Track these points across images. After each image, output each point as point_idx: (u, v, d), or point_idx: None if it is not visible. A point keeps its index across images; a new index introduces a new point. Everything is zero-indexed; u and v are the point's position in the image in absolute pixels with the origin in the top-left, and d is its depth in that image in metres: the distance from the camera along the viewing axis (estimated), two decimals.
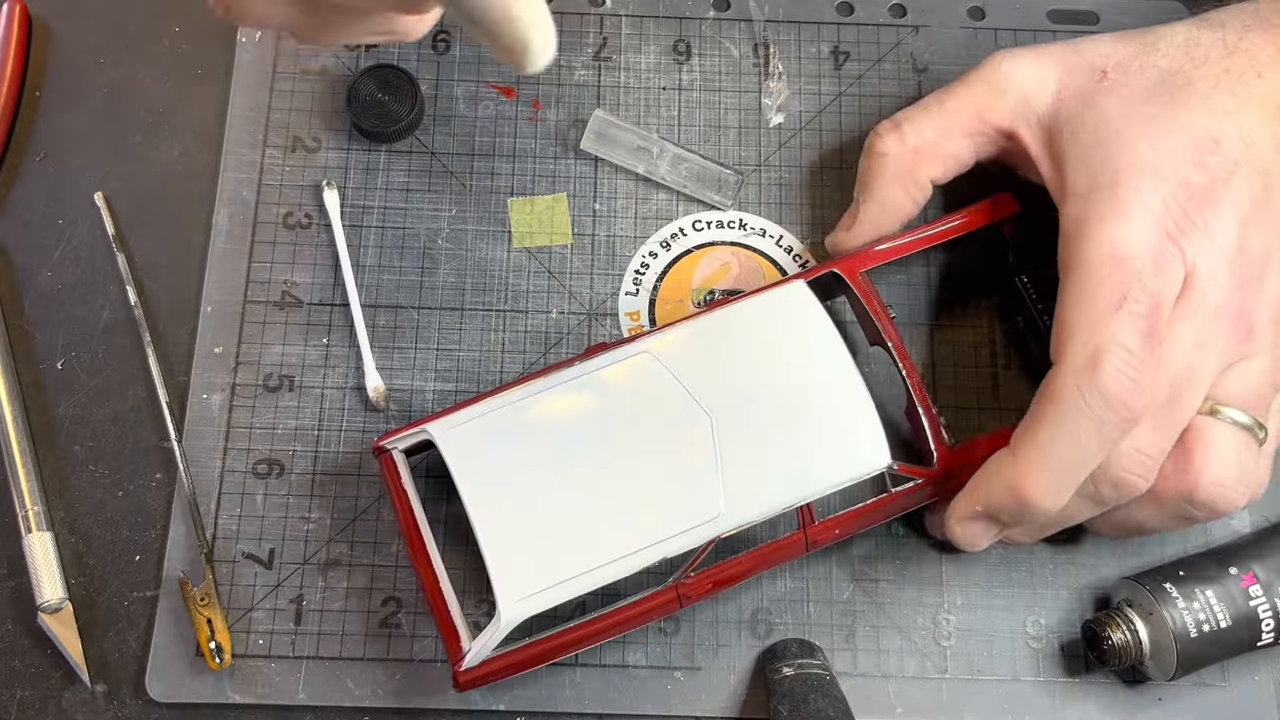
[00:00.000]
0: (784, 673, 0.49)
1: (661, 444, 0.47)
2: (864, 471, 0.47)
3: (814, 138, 0.59)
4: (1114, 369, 0.43)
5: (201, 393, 0.54)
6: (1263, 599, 0.48)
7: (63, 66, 0.60)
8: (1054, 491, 0.45)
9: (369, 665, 0.50)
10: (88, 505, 0.53)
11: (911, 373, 0.50)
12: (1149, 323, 0.44)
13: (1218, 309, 0.45)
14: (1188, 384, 0.45)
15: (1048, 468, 0.44)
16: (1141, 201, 0.45)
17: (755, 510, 0.46)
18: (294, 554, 0.52)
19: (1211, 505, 0.46)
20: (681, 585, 0.47)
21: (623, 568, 0.46)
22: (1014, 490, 0.45)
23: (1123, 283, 0.44)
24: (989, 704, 0.50)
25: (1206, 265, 0.45)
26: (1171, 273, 0.45)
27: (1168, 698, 0.50)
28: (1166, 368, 0.45)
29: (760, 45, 0.60)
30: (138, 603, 0.51)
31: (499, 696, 0.50)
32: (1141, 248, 0.45)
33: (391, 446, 0.49)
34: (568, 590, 0.45)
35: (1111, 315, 0.44)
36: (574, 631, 0.47)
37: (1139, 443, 0.45)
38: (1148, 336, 0.44)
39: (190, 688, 0.50)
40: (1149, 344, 0.44)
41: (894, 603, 0.51)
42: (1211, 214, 0.45)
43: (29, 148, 0.58)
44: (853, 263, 0.52)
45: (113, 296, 0.56)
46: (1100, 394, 0.43)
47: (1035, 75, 0.50)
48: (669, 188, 0.57)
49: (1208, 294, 0.45)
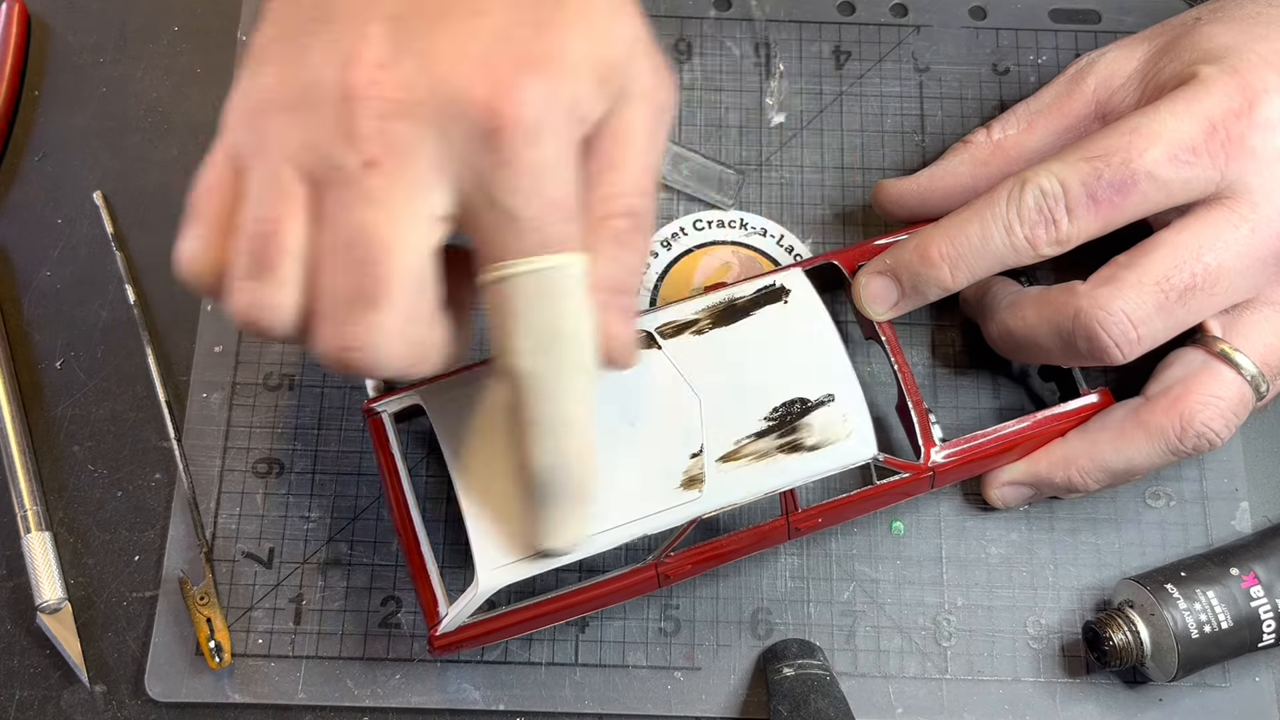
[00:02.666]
0: (784, 673, 0.49)
1: (649, 422, 0.47)
2: (848, 461, 0.47)
3: (815, 137, 0.58)
4: (1037, 190, 0.46)
5: (201, 392, 0.54)
6: (1264, 600, 0.47)
7: (62, 66, 0.59)
8: (952, 261, 0.47)
9: (369, 665, 0.50)
10: (87, 505, 0.53)
11: (904, 368, 0.50)
12: (1104, 186, 0.45)
13: (1267, 231, 0.45)
14: (1208, 283, 0.45)
15: (952, 238, 0.47)
16: (1204, 93, 0.45)
17: (737, 493, 0.46)
18: (294, 553, 0.52)
19: (1197, 443, 0.47)
20: (661, 564, 0.47)
21: (603, 542, 0.46)
22: (920, 247, 0.48)
23: (1113, 147, 0.45)
24: (989, 704, 0.50)
25: (1261, 185, 0.45)
26: (1188, 173, 0.45)
27: (1169, 699, 0.50)
28: (1190, 256, 0.45)
29: (761, 44, 0.60)
30: (137, 603, 0.51)
31: (499, 696, 0.50)
32: (1170, 137, 0.45)
33: (382, 410, 0.50)
34: (547, 561, 0.45)
35: (1078, 158, 0.46)
36: (551, 603, 0.47)
37: (1129, 307, 0.45)
38: (1094, 195, 0.45)
39: (190, 687, 0.50)
40: (1091, 200, 0.45)
41: (894, 603, 0.51)
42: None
43: (28, 147, 0.58)
44: (852, 256, 0.52)
45: (112, 296, 0.56)
46: (1016, 204, 0.46)
47: (1119, 53, 0.51)
48: (670, 187, 0.57)
49: (1259, 209, 0.45)
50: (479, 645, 0.48)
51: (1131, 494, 0.53)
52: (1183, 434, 0.47)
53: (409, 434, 0.53)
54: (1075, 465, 0.49)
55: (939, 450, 0.49)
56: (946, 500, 0.53)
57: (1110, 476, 0.49)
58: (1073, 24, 0.60)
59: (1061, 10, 0.60)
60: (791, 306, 0.50)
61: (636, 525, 0.46)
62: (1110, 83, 0.50)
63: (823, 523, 0.49)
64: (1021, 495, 0.51)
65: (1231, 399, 0.47)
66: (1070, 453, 0.49)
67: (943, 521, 0.53)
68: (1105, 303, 0.45)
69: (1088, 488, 0.50)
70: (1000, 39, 0.60)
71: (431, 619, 0.47)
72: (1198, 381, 0.47)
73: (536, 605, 0.47)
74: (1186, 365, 0.48)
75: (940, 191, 0.52)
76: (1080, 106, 0.51)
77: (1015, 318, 0.49)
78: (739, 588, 0.51)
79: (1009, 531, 0.52)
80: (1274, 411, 0.54)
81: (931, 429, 0.49)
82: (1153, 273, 0.45)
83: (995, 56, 0.60)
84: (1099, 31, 0.60)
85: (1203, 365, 0.47)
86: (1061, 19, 0.60)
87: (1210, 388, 0.47)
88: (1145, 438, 0.47)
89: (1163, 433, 0.47)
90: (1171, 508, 0.53)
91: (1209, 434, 0.47)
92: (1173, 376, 0.48)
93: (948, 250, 0.47)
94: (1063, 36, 0.60)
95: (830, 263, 0.52)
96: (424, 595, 0.47)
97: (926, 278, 0.48)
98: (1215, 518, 0.53)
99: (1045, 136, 0.51)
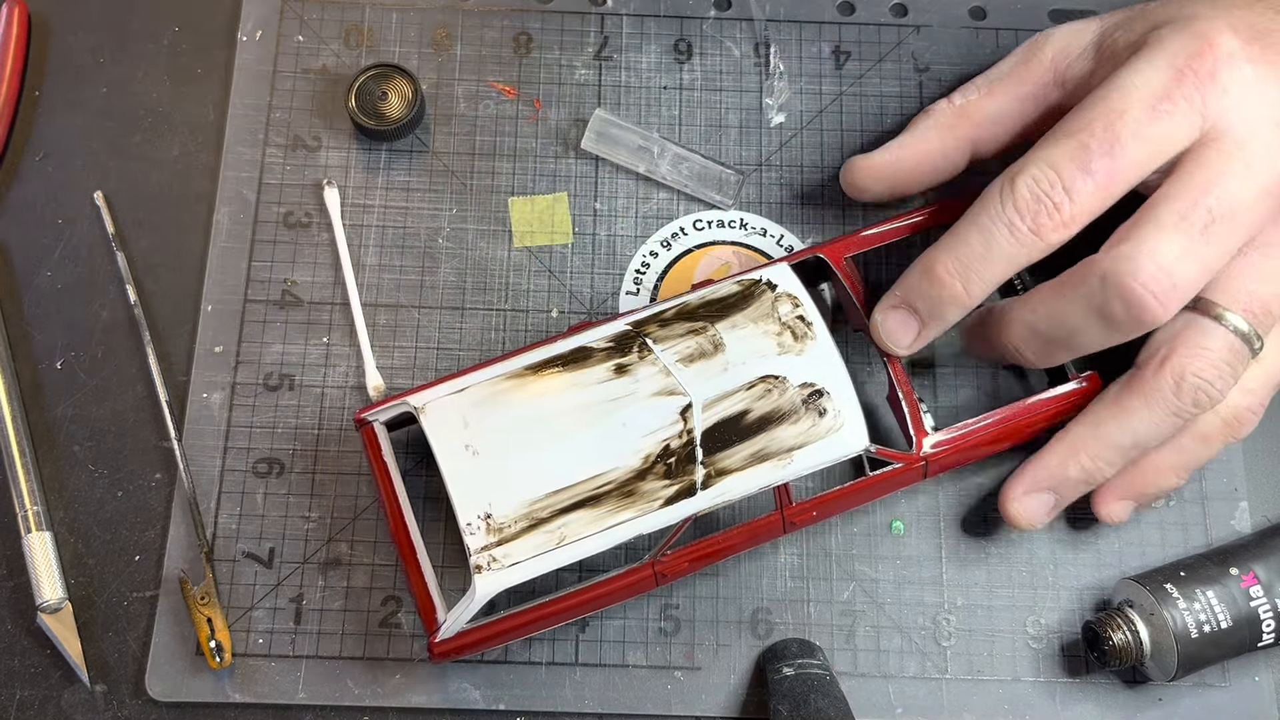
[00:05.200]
0: (784, 673, 0.49)
1: (642, 422, 0.47)
2: (841, 453, 0.47)
3: (815, 137, 0.58)
4: (1030, 180, 0.45)
5: (201, 392, 0.54)
6: (1263, 599, 0.48)
7: (63, 66, 0.59)
8: (963, 275, 0.47)
9: (369, 664, 0.50)
10: (87, 505, 0.53)
11: (892, 358, 0.50)
12: (1095, 156, 0.45)
13: (1259, 164, 0.45)
14: (1224, 216, 0.45)
15: (956, 252, 0.47)
16: (1164, 46, 0.46)
17: (732, 489, 0.46)
18: (294, 553, 0.52)
19: (1196, 397, 0.47)
20: (658, 562, 0.47)
21: (599, 543, 0.46)
22: (926, 269, 0.47)
23: (1091, 119, 0.45)
24: (989, 704, 0.50)
25: (1242, 122, 0.45)
26: (1169, 122, 0.45)
27: (1168, 698, 0.50)
28: (1199, 193, 0.45)
29: (761, 45, 0.60)
30: (137, 602, 0.51)
31: (499, 696, 0.50)
32: (1141, 92, 0.45)
33: (373, 419, 0.50)
34: (543, 564, 0.45)
35: (1060, 139, 0.46)
36: (549, 606, 0.47)
37: (1158, 252, 0.44)
38: (1086, 168, 0.45)
39: (190, 687, 0.50)
40: (1085, 174, 0.45)
41: (894, 603, 0.51)
42: (1264, 73, 0.45)
43: (29, 147, 0.58)
44: (838, 248, 0.52)
45: (112, 296, 0.56)
46: (1011, 199, 0.46)
47: (1073, 28, 0.51)
48: (670, 187, 0.57)
49: (1246, 146, 0.45)
50: (479, 650, 0.48)
51: None
52: (1178, 390, 0.46)
53: (409, 436, 0.52)
54: (1084, 451, 0.48)
55: (931, 439, 0.49)
56: (946, 500, 0.53)
57: (1121, 454, 0.48)
58: None
59: (1061, 10, 0.60)
60: (780, 300, 0.50)
61: (632, 525, 0.46)
62: (1068, 52, 0.51)
63: (817, 516, 0.49)
64: (1044, 504, 0.50)
65: (1221, 349, 0.46)
66: (1075, 440, 0.49)
67: (942, 521, 0.53)
68: (1130, 254, 0.44)
69: (1103, 472, 0.49)
70: (1000, 39, 0.60)
71: (430, 626, 0.47)
72: (1182, 337, 0.47)
73: (536, 608, 0.47)
74: (1171, 326, 0.47)
75: (911, 159, 0.53)
76: (1039, 73, 0.51)
77: (1031, 312, 0.48)
78: (739, 587, 0.51)
79: (1008, 531, 0.52)
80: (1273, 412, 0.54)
81: (923, 418, 0.49)
82: (1169, 217, 0.45)
83: (995, 57, 0.59)
84: None
85: (1186, 322, 0.47)
86: (1061, 19, 0.60)
87: (1196, 340, 0.46)
88: (1144, 404, 0.47)
89: (1159, 393, 0.47)
90: (1171, 507, 0.53)
91: (1204, 385, 0.46)
92: (1159, 339, 0.47)
93: (954, 265, 0.47)
94: None
95: (816, 256, 0.52)
96: (421, 602, 0.47)
97: (940, 298, 0.47)
98: (1214, 517, 0.53)
99: (1006, 101, 0.52)
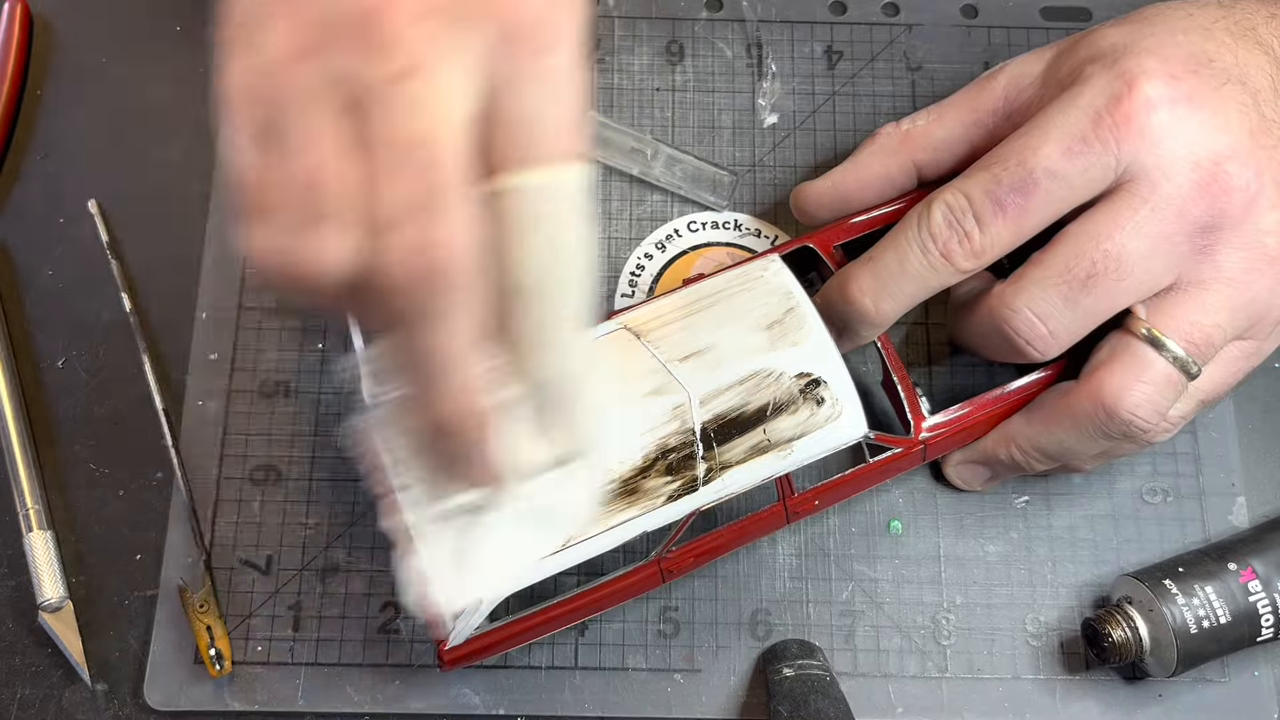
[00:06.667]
0: (784, 674, 0.49)
1: (639, 419, 0.47)
2: (840, 441, 0.47)
3: (808, 137, 0.58)
4: (944, 206, 0.47)
5: (198, 399, 0.54)
6: (1262, 594, 0.48)
7: (64, 66, 0.59)
8: (874, 293, 0.48)
9: (368, 671, 0.50)
10: (88, 504, 0.53)
11: (886, 344, 0.50)
12: (1006, 191, 0.46)
13: (1167, 210, 0.45)
14: (1111, 269, 0.45)
15: (872, 271, 0.48)
16: (1088, 85, 0.46)
17: (734, 482, 0.46)
18: (292, 560, 0.52)
19: (1127, 430, 0.47)
20: (663, 560, 0.47)
21: (604, 542, 0.46)
22: (842, 286, 0.49)
23: (1009, 153, 0.46)
24: (989, 703, 0.50)
25: (1157, 164, 0.45)
26: (1083, 163, 0.45)
27: (1168, 694, 0.50)
28: (1090, 242, 0.45)
29: (753, 45, 0.60)
30: (139, 601, 0.51)
31: (499, 700, 0.50)
32: (1059, 131, 0.45)
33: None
34: (549, 566, 0.45)
35: (979, 170, 0.47)
36: (556, 608, 0.47)
37: (1033, 303, 0.46)
38: (998, 201, 0.46)
39: (189, 695, 0.49)
40: (997, 206, 0.46)
41: (894, 603, 0.51)
42: (1184, 114, 0.45)
43: (29, 147, 0.58)
44: (827, 236, 0.52)
45: (113, 296, 0.55)
46: (927, 226, 0.47)
47: (1028, 58, 0.51)
48: (663, 189, 0.57)
49: (1157, 189, 0.45)
50: (489, 655, 0.47)
51: (1128, 490, 0.53)
52: (1108, 421, 0.46)
53: None
54: (1014, 444, 0.50)
55: (928, 423, 0.49)
56: (944, 499, 0.53)
57: (1047, 458, 0.49)
58: (1064, 22, 0.60)
59: (1053, 8, 0.61)
60: (771, 292, 0.50)
61: (635, 523, 0.46)
62: (1019, 81, 0.50)
63: (819, 505, 0.49)
64: (978, 474, 0.52)
65: (1156, 380, 0.46)
66: (1011, 431, 0.50)
67: (940, 520, 0.53)
68: (1010, 301, 0.47)
69: (1031, 467, 0.50)
70: (992, 37, 0.60)
71: (438, 634, 0.47)
72: (1119, 364, 0.46)
73: (542, 611, 0.47)
74: (1110, 348, 0.47)
75: (854, 184, 0.53)
76: (989, 101, 0.51)
77: (951, 321, 0.51)
78: (738, 589, 0.51)
79: (1007, 529, 0.52)
80: (1269, 408, 0.54)
81: (919, 403, 0.50)
82: (1054, 266, 0.46)
83: (987, 55, 0.60)
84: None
85: (1124, 347, 0.47)
86: (1053, 17, 0.60)
87: (1132, 370, 0.46)
88: (1071, 423, 0.48)
89: (1089, 419, 0.47)
90: (1169, 504, 0.53)
91: (1136, 420, 0.46)
92: (1097, 360, 0.48)
93: (868, 284, 0.48)
94: (1054, 35, 0.60)
95: (805, 245, 0.52)
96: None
97: (849, 314, 0.49)
98: (1212, 513, 0.53)
99: (953, 128, 0.51)
